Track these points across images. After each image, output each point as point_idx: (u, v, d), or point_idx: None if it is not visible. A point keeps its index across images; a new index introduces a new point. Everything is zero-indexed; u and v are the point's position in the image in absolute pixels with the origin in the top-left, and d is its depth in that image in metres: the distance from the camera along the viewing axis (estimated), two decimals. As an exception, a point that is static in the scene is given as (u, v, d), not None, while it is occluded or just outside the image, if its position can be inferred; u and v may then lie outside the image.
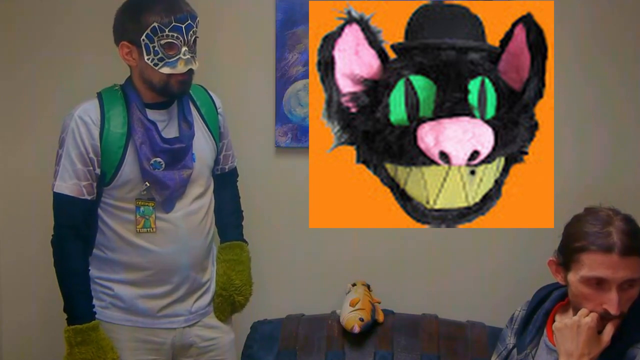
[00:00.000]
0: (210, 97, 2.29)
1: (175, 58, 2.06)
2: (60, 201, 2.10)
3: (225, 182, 2.37)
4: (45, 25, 2.62)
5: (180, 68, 2.07)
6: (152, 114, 2.12)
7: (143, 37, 2.03)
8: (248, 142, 2.58)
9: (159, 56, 2.05)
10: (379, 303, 2.44)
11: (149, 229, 2.12)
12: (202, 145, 2.21)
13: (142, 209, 2.12)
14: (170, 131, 2.15)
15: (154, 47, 2.04)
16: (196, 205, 2.19)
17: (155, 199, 2.12)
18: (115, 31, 2.12)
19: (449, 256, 2.60)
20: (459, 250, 2.59)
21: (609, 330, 1.70)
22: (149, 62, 2.05)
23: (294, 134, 2.59)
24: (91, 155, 2.08)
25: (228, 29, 2.59)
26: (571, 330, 1.70)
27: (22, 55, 2.63)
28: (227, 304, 2.28)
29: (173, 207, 2.14)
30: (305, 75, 2.56)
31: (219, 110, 2.29)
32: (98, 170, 2.09)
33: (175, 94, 2.13)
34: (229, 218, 2.37)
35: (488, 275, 2.58)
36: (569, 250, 1.75)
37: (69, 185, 2.08)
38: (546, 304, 1.89)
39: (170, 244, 2.14)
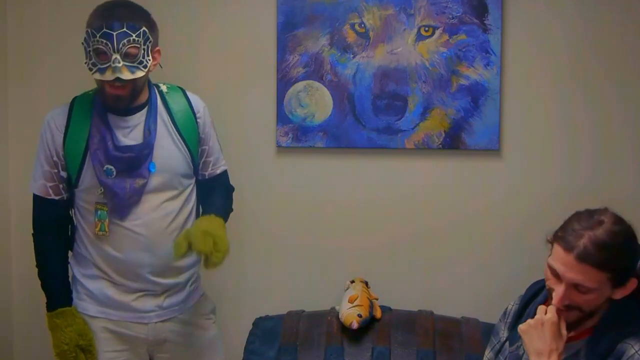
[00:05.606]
0: (189, 102, 2.20)
1: (105, 65, 1.99)
2: (33, 199, 2.16)
3: (209, 189, 2.28)
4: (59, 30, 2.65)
5: (108, 75, 1.98)
6: (114, 120, 2.09)
7: (82, 40, 2.02)
8: (250, 141, 2.61)
9: (92, 61, 2.01)
10: (377, 300, 2.46)
11: (103, 233, 2.11)
12: (171, 154, 2.14)
13: (99, 212, 2.12)
14: (136, 137, 2.10)
15: (89, 51, 2.00)
16: (162, 212, 2.14)
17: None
18: None
19: (445, 254, 2.61)
20: (454, 248, 2.61)
21: (563, 324, 1.73)
22: (86, 65, 2.02)
23: (295, 134, 2.61)
24: (55, 158, 2.10)
25: (230, 31, 2.60)
26: (536, 330, 1.72)
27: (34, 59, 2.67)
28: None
29: (127, 214, 2.10)
30: (306, 77, 2.58)
31: (197, 115, 2.20)
32: (64, 174, 2.11)
33: (109, 105, 2.08)
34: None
35: (482, 272, 2.59)
36: (554, 235, 1.78)
37: (38, 185, 2.13)
38: (538, 298, 1.90)
39: (130, 250, 2.12)
